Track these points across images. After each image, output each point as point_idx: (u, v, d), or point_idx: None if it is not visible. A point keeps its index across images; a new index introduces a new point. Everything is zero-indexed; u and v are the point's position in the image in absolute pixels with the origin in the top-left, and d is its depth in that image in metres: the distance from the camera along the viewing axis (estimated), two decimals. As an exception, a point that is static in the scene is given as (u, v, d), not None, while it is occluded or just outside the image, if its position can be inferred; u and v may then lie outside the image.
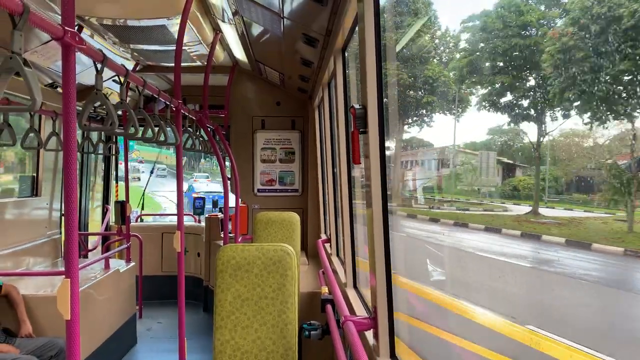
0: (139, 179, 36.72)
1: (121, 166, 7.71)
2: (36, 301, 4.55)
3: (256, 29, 4.85)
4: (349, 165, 4.27)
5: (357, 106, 2.48)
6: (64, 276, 2.16)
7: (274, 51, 5.47)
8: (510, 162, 3.52)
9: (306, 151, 7.57)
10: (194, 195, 14.80)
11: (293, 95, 7.43)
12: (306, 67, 5.15)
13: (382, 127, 2.47)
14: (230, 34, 5.14)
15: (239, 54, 6.11)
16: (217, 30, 4.93)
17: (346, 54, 3.94)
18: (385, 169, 2.51)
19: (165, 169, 38.87)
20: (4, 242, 5.15)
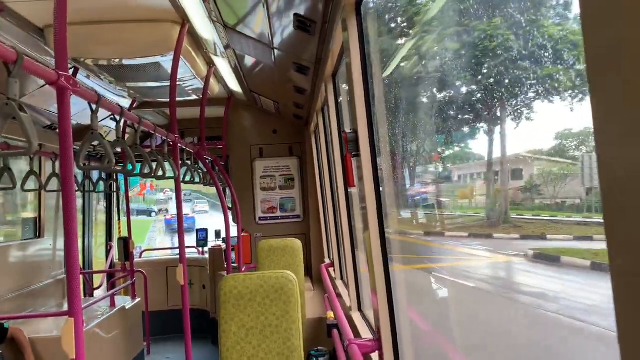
0: (167, 210, 36.35)
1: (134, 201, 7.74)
2: (42, 343, 4.53)
3: (248, 61, 4.94)
4: (346, 189, 4.31)
5: (348, 130, 2.53)
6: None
7: (267, 81, 5.56)
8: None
9: (305, 177, 7.61)
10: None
11: (289, 122, 7.51)
12: (300, 94, 5.23)
13: (374, 149, 2.52)
14: (223, 66, 5.24)
15: (234, 85, 6.21)
16: (210, 64, 5.03)
17: (337, 80, 4.02)
18: (379, 189, 2.54)
19: (191, 193, 38.70)
20: (9, 285, 5.16)
